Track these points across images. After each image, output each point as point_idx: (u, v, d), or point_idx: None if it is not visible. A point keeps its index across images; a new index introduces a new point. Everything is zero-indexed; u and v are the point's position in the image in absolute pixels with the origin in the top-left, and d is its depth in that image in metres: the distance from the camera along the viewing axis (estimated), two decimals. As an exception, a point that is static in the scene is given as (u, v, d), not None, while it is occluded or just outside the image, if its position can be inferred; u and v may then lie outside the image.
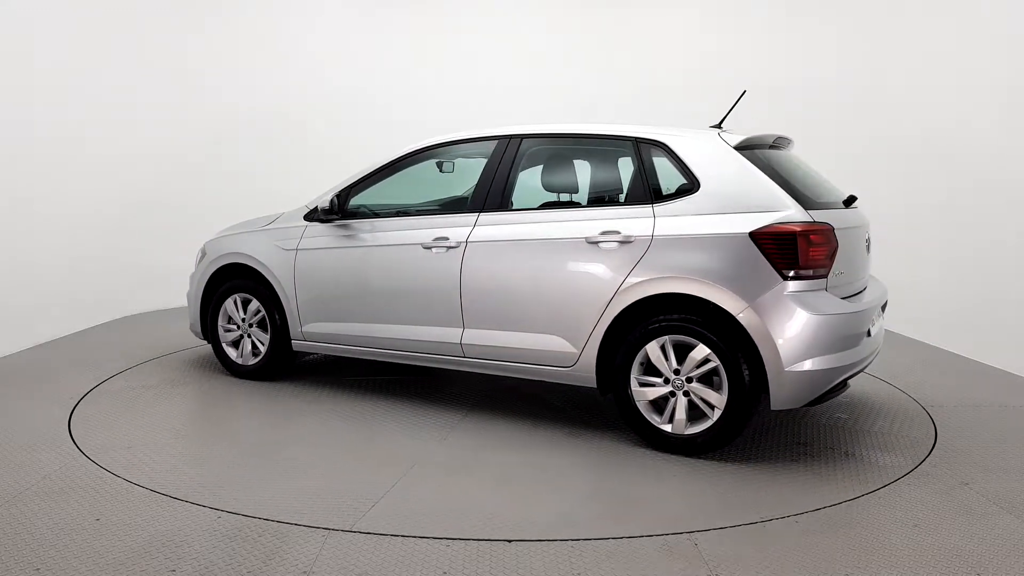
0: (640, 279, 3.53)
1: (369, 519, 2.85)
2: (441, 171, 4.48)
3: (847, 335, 3.40)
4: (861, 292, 3.80)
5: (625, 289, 3.56)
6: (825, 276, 3.38)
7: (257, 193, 7.70)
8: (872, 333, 3.65)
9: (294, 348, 4.72)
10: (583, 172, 4.08)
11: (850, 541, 2.70)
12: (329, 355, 5.10)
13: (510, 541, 2.69)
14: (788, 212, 3.37)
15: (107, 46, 6.84)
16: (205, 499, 2.99)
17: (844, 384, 3.51)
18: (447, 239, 4.06)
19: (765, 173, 3.52)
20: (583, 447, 3.67)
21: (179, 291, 7.53)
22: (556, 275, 3.76)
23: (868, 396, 4.53)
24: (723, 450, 3.61)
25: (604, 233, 3.65)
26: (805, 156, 4.26)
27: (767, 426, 3.98)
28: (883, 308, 4.03)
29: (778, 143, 3.95)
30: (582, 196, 4.04)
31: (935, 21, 6.57)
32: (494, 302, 3.94)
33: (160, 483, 3.15)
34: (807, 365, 3.28)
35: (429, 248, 4.11)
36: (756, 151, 3.68)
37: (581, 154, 4.15)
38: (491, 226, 3.99)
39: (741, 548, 2.65)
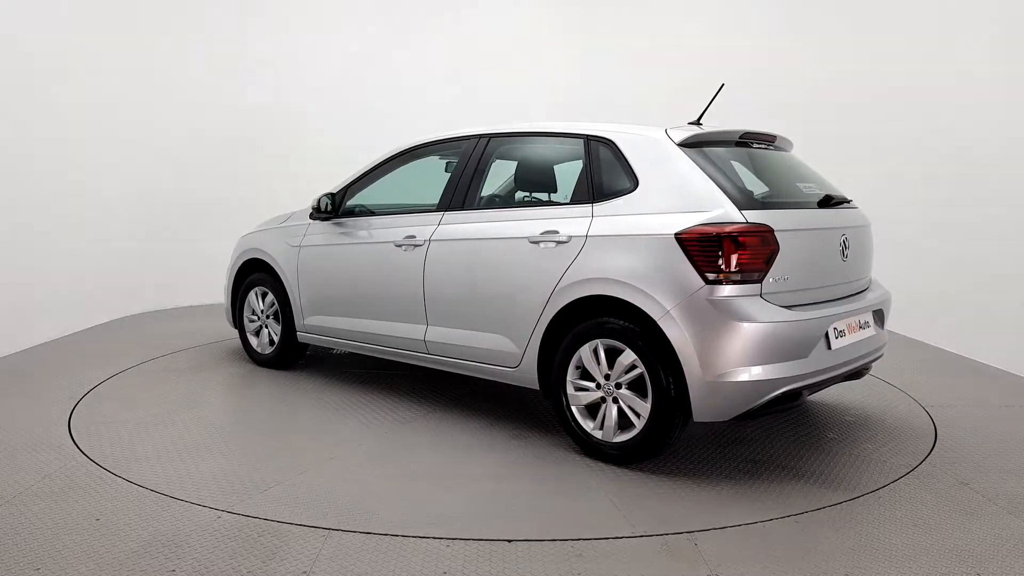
0: (573, 280, 3.45)
1: (251, 503, 2.98)
2: (447, 171, 4.50)
3: (785, 345, 3.11)
4: (846, 298, 3.57)
5: (560, 290, 3.50)
6: (758, 281, 3.12)
7: (260, 193, 7.72)
8: (834, 345, 3.32)
9: (299, 340, 4.93)
10: (540, 171, 4.07)
11: (850, 541, 2.70)
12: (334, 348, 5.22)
13: (510, 541, 2.69)
14: (718, 212, 3.16)
15: (108, 45, 6.83)
16: (205, 499, 3.00)
17: (795, 396, 3.22)
18: (415, 237, 4.15)
19: (713, 170, 3.32)
20: (519, 450, 3.62)
21: (180, 290, 7.57)
22: (502, 274, 3.75)
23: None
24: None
25: (545, 233, 3.60)
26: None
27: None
28: (879, 316, 3.79)
29: (749, 138, 3.71)
30: (536, 195, 4.04)
31: (935, 16, 6.57)
32: (451, 300, 4.00)
33: (160, 483, 3.15)
34: (731, 376, 3.05)
35: (400, 246, 4.21)
36: (708, 148, 3.49)
37: (539, 153, 4.11)
38: (451, 225, 4.04)
39: (741, 548, 2.65)
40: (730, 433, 3.86)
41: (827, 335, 3.30)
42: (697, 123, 3.77)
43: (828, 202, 3.61)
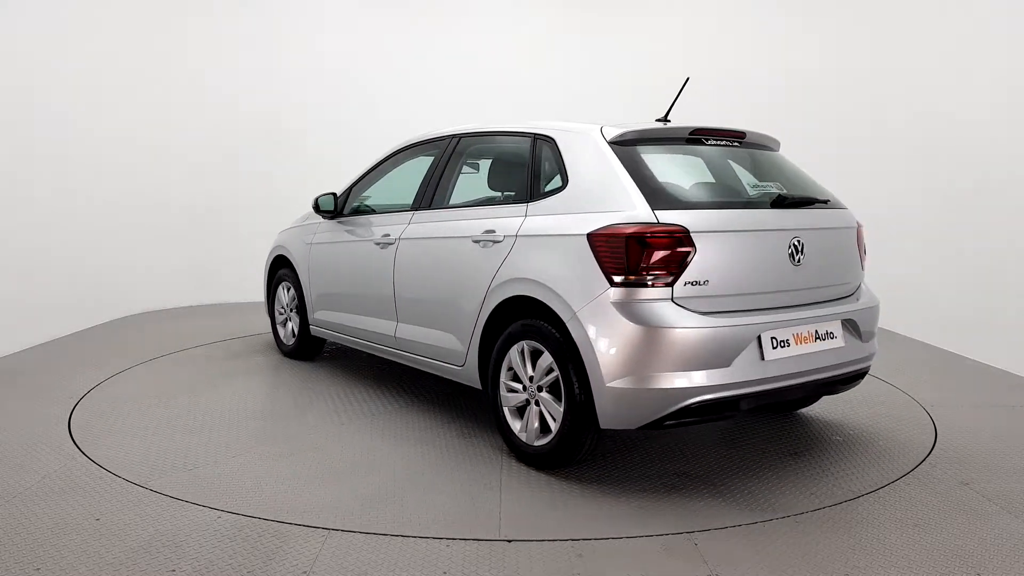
0: (503, 280, 3.42)
1: (166, 479, 3.20)
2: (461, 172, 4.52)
3: (696, 353, 2.91)
4: (799, 306, 3.28)
5: (492, 290, 3.48)
6: (669, 284, 2.96)
7: (262, 194, 7.73)
8: (770, 356, 3.06)
9: (312, 333, 5.14)
10: (495, 169, 4.06)
11: (850, 541, 2.70)
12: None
13: (510, 541, 2.69)
14: (630, 213, 3.03)
15: (109, 45, 6.83)
16: (205, 499, 3.00)
17: (725, 407, 3.02)
18: (389, 236, 4.25)
19: (640, 169, 3.18)
20: (454, 447, 3.64)
21: (180, 291, 7.57)
22: (451, 273, 3.79)
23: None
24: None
25: (485, 232, 3.61)
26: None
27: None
28: (852, 327, 3.44)
29: (701, 135, 3.47)
30: (489, 194, 4.04)
31: (934, 12, 6.57)
32: (414, 298, 4.07)
33: (160, 483, 3.15)
34: (634, 383, 2.91)
35: (378, 244, 4.32)
36: (646, 146, 3.34)
37: (498, 152, 4.11)
38: (418, 224, 4.11)
39: (741, 548, 2.64)
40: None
41: (759, 344, 3.06)
42: (664, 119, 3.68)
43: (781, 203, 3.35)
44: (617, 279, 2.98)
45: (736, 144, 3.62)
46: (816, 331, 3.28)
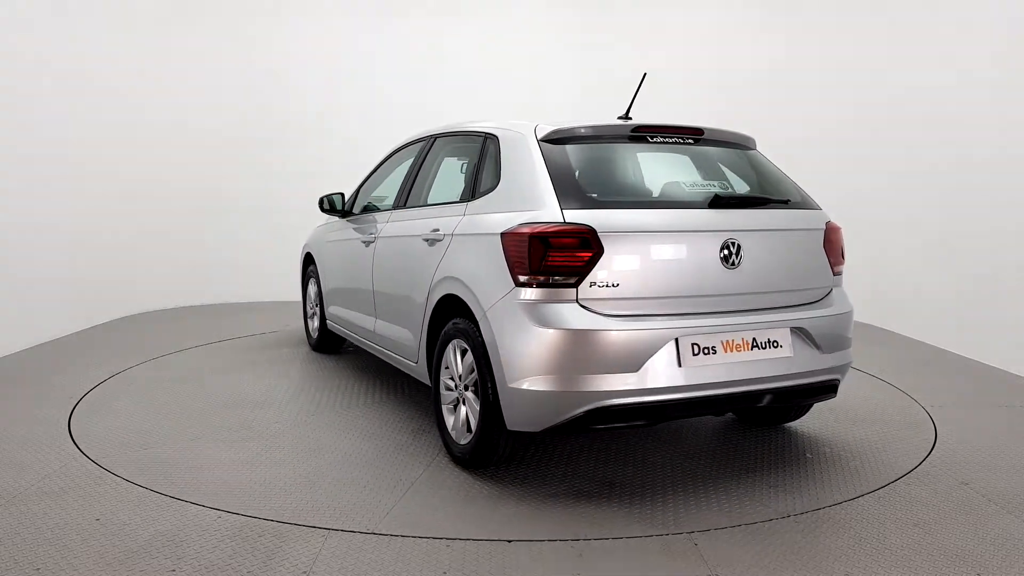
0: (440, 278, 3.46)
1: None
2: (461, 172, 4.53)
3: (599, 357, 2.81)
4: (735, 311, 3.08)
5: (433, 288, 3.53)
6: (574, 286, 2.87)
7: (262, 193, 7.72)
8: (689, 363, 2.90)
9: (328, 327, 5.36)
10: (461, 168, 4.07)
11: (850, 541, 2.70)
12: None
13: (510, 541, 2.69)
14: (538, 212, 2.99)
15: (109, 45, 6.83)
16: (205, 499, 3.00)
17: (644, 413, 2.90)
18: (372, 234, 4.39)
19: (562, 168, 3.11)
20: (397, 443, 3.68)
21: (180, 291, 7.57)
22: (407, 271, 3.85)
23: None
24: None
25: (432, 231, 3.64)
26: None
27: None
28: (804, 336, 3.17)
29: (645, 132, 3.33)
30: (451, 193, 4.05)
31: (930, 13, 6.57)
32: (386, 293, 4.18)
33: (160, 483, 3.15)
34: (532, 384, 2.86)
35: (364, 242, 4.48)
36: (580, 144, 3.25)
37: (461, 151, 4.13)
38: (392, 223, 4.23)
39: (741, 548, 2.64)
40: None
41: (677, 350, 2.91)
42: (626, 116, 3.63)
43: (719, 202, 3.14)
44: (522, 279, 2.94)
45: (691, 142, 3.45)
46: (754, 339, 3.06)
